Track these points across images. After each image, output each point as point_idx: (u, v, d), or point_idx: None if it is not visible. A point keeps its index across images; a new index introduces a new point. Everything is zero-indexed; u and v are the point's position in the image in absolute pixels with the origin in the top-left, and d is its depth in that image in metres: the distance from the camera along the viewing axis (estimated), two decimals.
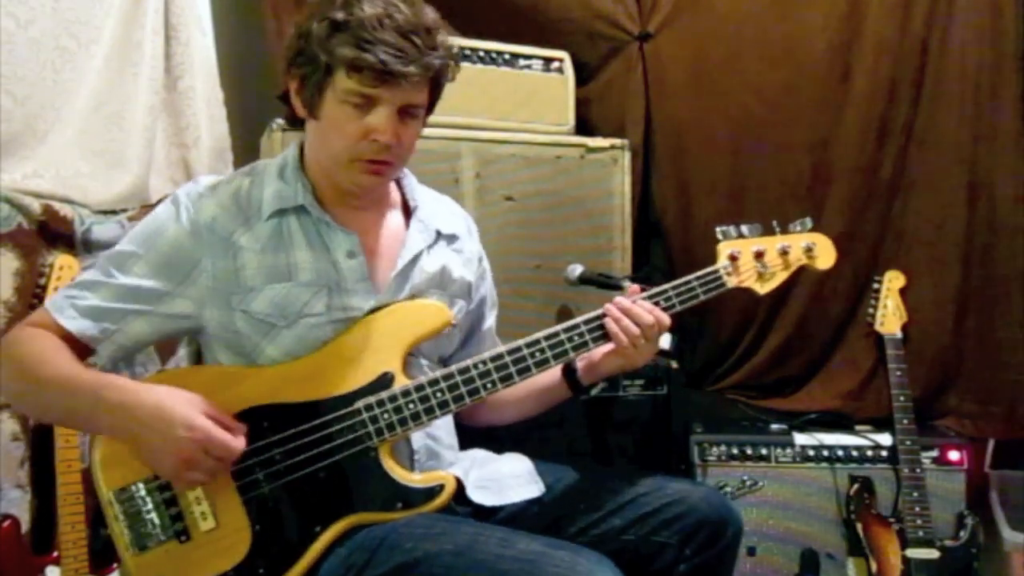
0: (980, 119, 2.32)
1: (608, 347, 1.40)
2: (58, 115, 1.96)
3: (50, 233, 1.85)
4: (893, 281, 2.27)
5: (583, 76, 2.46)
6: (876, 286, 2.29)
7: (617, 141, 2.27)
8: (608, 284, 2.05)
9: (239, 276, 1.31)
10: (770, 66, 2.42)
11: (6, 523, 1.72)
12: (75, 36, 2.00)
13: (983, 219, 2.33)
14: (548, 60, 2.31)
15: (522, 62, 2.27)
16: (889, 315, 2.23)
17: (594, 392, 1.50)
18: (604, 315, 1.38)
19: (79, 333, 1.29)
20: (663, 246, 2.55)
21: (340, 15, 1.23)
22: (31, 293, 1.78)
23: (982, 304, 2.34)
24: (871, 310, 2.27)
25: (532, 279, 2.15)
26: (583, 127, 2.39)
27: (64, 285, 1.38)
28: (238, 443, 1.21)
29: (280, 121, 1.97)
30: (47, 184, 1.90)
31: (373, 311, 1.34)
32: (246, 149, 2.37)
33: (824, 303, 2.43)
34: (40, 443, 1.80)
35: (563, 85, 2.32)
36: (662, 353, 1.54)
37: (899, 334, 2.20)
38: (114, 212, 2.03)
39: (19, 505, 1.78)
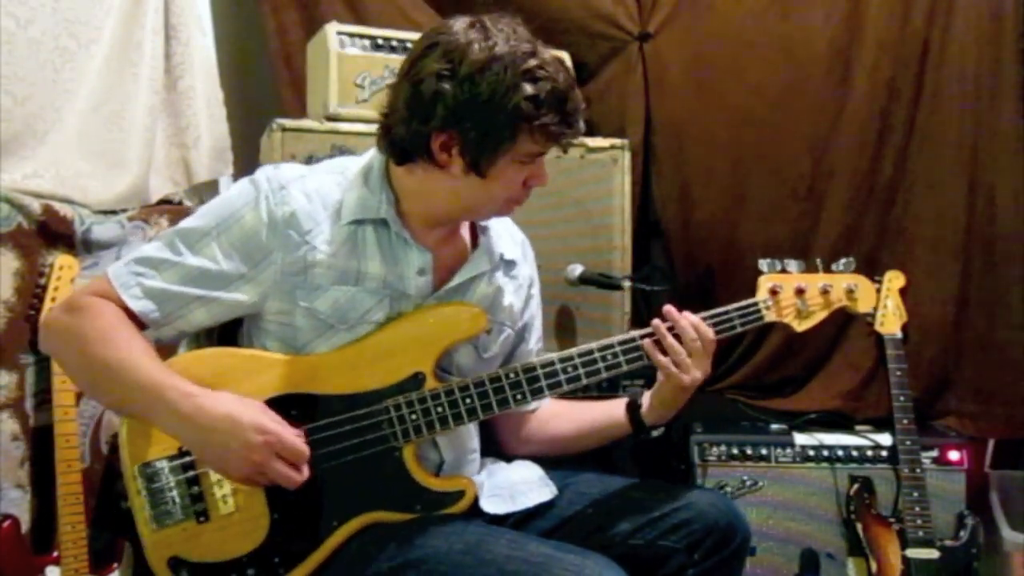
0: (980, 119, 2.32)
1: (661, 378, 1.40)
2: (58, 115, 1.96)
3: (50, 233, 1.84)
4: (893, 281, 2.25)
5: (583, 76, 2.46)
6: (876, 286, 2.28)
7: (617, 141, 2.26)
8: (608, 284, 2.05)
9: (307, 273, 1.30)
10: (770, 66, 2.42)
11: (6, 523, 1.71)
12: (75, 36, 1.99)
13: (983, 219, 2.33)
14: None
15: None
16: (889, 315, 2.22)
17: (655, 434, 1.47)
18: (643, 336, 1.37)
19: (141, 314, 1.28)
20: (663, 246, 2.55)
21: (531, 88, 1.23)
22: (31, 293, 1.78)
23: (982, 304, 2.34)
24: (871, 310, 2.26)
25: None
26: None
27: (132, 255, 1.32)
28: (306, 448, 1.23)
29: (280, 121, 1.96)
30: (47, 184, 1.90)
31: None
32: (246, 149, 2.37)
33: None
34: (40, 443, 1.80)
35: None
36: None
37: (899, 334, 2.19)
38: (114, 212, 2.03)
39: (19, 505, 1.78)
